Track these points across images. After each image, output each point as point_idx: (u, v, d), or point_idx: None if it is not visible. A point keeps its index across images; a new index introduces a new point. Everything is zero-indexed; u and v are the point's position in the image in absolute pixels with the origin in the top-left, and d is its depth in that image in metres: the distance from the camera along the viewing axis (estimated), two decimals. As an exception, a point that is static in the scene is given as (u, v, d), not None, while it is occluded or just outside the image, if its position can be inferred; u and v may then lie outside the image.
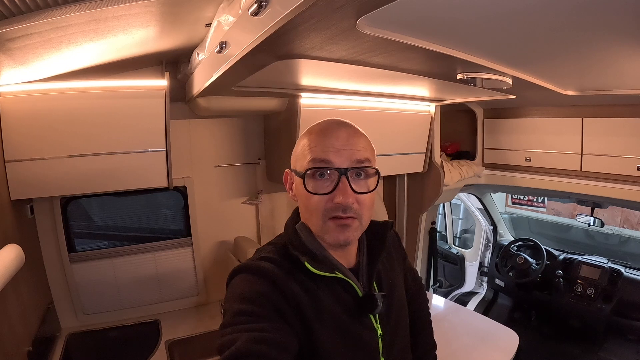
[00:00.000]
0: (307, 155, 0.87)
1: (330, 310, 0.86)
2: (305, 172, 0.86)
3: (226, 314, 0.81)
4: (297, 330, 0.82)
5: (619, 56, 1.30)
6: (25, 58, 1.48)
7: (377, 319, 0.94)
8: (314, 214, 0.88)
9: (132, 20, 1.37)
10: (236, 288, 0.85)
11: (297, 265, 0.87)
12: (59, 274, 2.28)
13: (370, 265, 0.98)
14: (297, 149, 0.92)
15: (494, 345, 2.12)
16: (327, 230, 0.87)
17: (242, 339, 0.72)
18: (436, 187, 2.97)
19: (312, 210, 0.88)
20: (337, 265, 0.92)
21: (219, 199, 2.70)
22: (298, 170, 0.89)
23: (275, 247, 0.94)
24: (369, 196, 0.89)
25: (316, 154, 0.86)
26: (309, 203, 0.87)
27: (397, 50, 1.17)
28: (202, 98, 2.13)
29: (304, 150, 0.89)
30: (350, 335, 0.88)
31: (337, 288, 0.90)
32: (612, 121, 2.44)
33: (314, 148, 0.87)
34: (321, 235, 0.90)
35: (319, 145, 0.86)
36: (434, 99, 2.68)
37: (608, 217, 5.20)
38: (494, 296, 4.04)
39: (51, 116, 1.81)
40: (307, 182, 0.86)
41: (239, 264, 0.91)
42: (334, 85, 2.01)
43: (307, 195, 0.87)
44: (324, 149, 0.86)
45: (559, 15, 0.90)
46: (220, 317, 2.42)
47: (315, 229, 0.90)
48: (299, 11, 0.78)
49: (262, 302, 0.80)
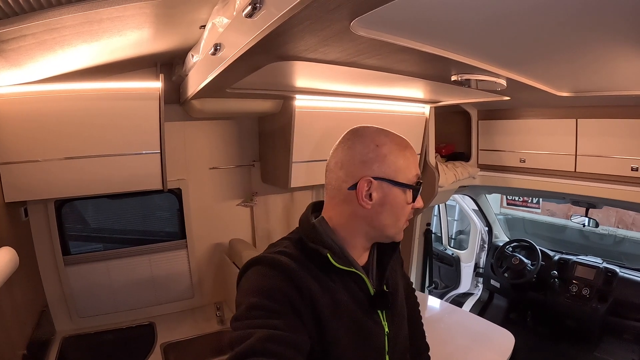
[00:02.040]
0: (412, 170, 0.94)
1: (346, 305, 0.88)
2: (415, 185, 0.94)
3: (239, 307, 0.81)
4: (309, 326, 0.82)
5: (612, 57, 1.31)
6: (19, 59, 1.47)
7: (384, 317, 0.96)
8: (401, 218, 0.95)
9: (126, 22, 1.37)
10: (251, 280, 0.86)
11: (312, 260, 0.88)
12: (53, 277, 2.27)
13: (381, 264, 1.01)
14: (397, 161, 0.92)
15: (490, 346, 2.12)
16: (401, 229, 0.97)
17: (255, 335, 0.72)
18: (431, 188, 2.97)
19: (401, 215, 0.94)
20: (352, 261, 0.95)
21: (213, 201, 2.70)
22: (401, 181, 0.92)
23: (290, 242, 0.95)
24: None
25: (417, 171, 0.95)
26: (403, 209, 0.94)
27: (391, 52, 1.17)
28: (196, 100, 2.13)
29: (407, 164, 0.94)
30: (364, 332, 0.90)
31: (351, 284, 0.92)
32: (606, 122, 2.45)
33: (412, 163, 0.95)
34: (392, 235, 0.96)
35: (413, 162, 0.95)
36: (429, 101, 2.69)
37: (603, 218, 5.23)
38: (489, 297, 4.05)
39: (45, 118, 1.80)
40: (415, 194, 0.94)
41: (254, 256, 0.91)
42: (329, 87, 2.01)
43: (404, 205, 0.93)
44: (416, 166, 0.96)
45: (552, 17, 0.90)
46: (216, 319, 2.43)
47: (395, 230, 0.95)
48: (293, 13, 0.78)
49: (277, 296, 0.80)
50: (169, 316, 2.55)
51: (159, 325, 2.42)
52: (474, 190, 3.67)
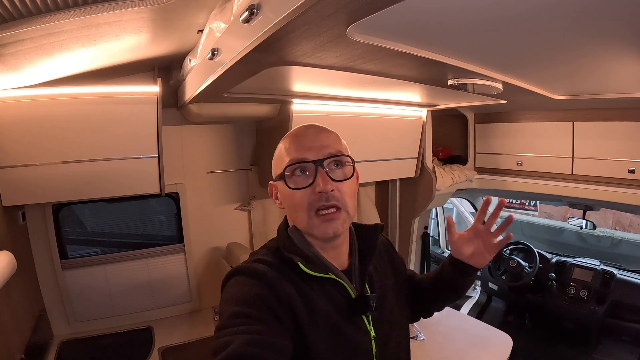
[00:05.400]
0: (284, 159, 0.92)
1: (324, 311, 0.87)
2: (284, 172, 0.91)
3: (221, 317, 0.81)
4: (291, 332, 0.82)
5: (608, 60, 1.32)
6: (17, 64, 1.48)
7: (370, 321, 0.95)
8: (300, 210, 0.90)
9: (124, 27, 1.38)
10: (231, 291, 0.86)
11: (290, 267, 0.88)
12: (51, 280, 2.26)
13: (362, 267, 0.99)
14: (275, 157, 0.97)
15: (488, 349, 2.12)
16: (314, 225, 0.89)
17: (236, 341, 0.72)
18: (428, 191, 2.98)
19: (297, 207, 0.90)
20: (330, 266, 0.94)
21: (211, 205, 2.70)
22: (277, 173, 0.94)
23: (268, 250, 0.95)
24: (349, 185, 0.92)
25: (292, 155, 0.91)
26: (294, 201, 0.91)
27: (387, 57, 1.17)
28: (194, 104, 2.13)
29: (280, 155, 0.94)
30: (343, 337, 0.89)
31: (330, 289, 0.91)
32: (603, 124, 2.47)
33: (289, 150, 0.92)
34: (310, 232, 0.92)
35: (292, 147, 0.92)
36: (426, 105, 2.70)
37: (600, 220, 5.25)
38: (487, 300, 4.05)
39: (43, 122, 1.80)
40: (288, 180, 0.90)
41: (233, 267, 0.92)
42: (326, 91, 2.02)
43: (291, 194, 0.90)
44: (297, 149, 0.91)
45: (548, 21, 0.91)
46: (214, 323, 2.42)
47: (303, 225, 0.92)
48: (290, 18, 0.79)
49: (257, 304, 0.81)
50: (167, 320, 2.54)
51: (156, 329, 2.41)
52: (471, 193, 3.68)
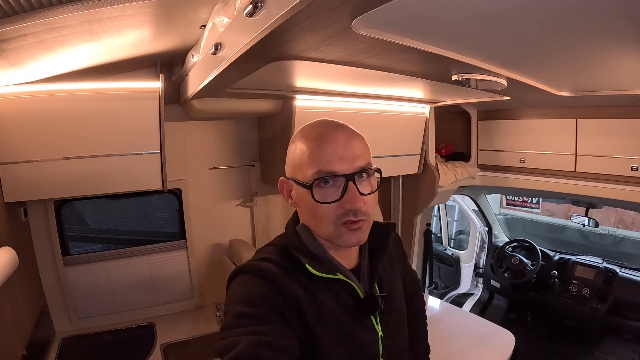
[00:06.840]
0: (309, 165, 0.84)
1: (331, 311, 0.86)
2: (312, 184, 0.83)
3: (227, 316, 0.80)
4: (298, 332, 0.81)
5: (612, 57, 1.31)
6: (19, 59, 1.47)
7: (377, 321, 0.94)
8: (324, 222, 0.86)
9: (126, 22, 1.37)
10: (237, 290, 0.85)
11: (297, 266, 0.86)
12: (53, 277, 2.26)
13: (371, 267, 0.97)
14: (295, 156, 0.88)
15: (490, 346, 2.12)
16: (340, 235, 0.86)
17: (243, 342, 0.71)
18: (431, 188, 2.97)
19: (321, 218, 0.86)
20: (338, 266, 0.92)
21: (213, 201, 2.69)
22: (300, 180, 0.87)
23: (275, 248, 0.93)
24: (374, 195, 0.89)
25: (321, 165, 0.83)
26: (318, 212, 0.85)
27: (392, 51, 1.17)
28: (196, 100, 2.13)
29: (303, 158, 0.85)
30: (351, 337, 0.88)
31: (338, 289, 0.89)
32: (606, 122, 2.46)
33: (316, 158, 0.84)
34: (332, 241, 0.88)
35: (321, 155, 0.83)
36: (429, 101, 2.69)
37: (602, 218, 5.22)
38: (489, 297, 4.05)
39: (45, 118, 1.80)
40: (315, 192, 0.83)
41: (239, 265, 0.90)
42: (329, 86, 2.01)
43: (315, 205, 0.84)
44: (328, 159, 0.83)
45: (553, 17, 0.90)
46: (215, 320, 2.43)
47: (327, 234, 0.88)
48: (294, 12, 0.78)
49: (264, 304, 0.79)
50: (169, 317, 2.54)
51: (158, 326, 2.41)
52: (474, 190, 3.67)
